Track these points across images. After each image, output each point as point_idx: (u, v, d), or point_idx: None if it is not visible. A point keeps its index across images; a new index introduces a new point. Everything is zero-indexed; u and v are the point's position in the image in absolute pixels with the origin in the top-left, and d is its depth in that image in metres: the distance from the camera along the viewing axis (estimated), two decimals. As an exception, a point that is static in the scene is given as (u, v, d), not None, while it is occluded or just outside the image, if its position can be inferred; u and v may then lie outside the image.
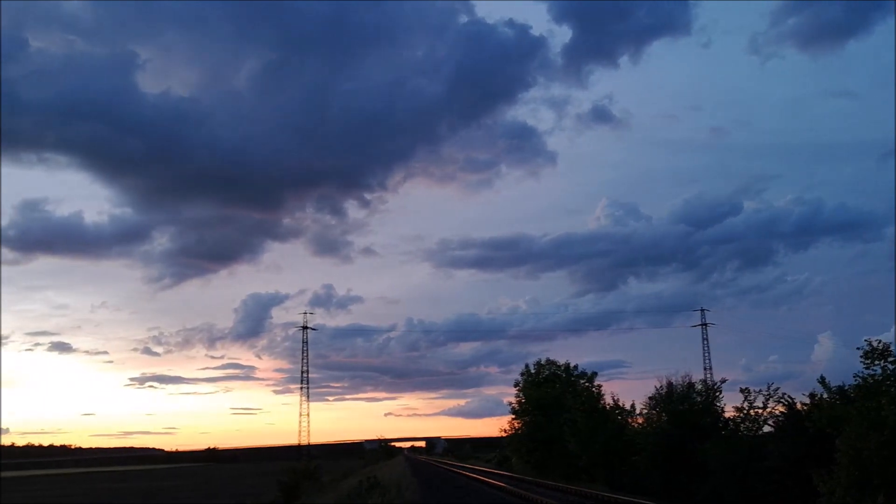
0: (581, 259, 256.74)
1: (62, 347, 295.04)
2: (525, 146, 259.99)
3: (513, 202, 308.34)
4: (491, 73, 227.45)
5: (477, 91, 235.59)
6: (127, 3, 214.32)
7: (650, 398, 40.41)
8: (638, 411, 43.75)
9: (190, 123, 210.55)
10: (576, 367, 60.41)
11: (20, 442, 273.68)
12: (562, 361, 61.63)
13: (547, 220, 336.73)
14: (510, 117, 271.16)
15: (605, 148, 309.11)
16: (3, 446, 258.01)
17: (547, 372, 61.41)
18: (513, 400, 61.55)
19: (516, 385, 62.56)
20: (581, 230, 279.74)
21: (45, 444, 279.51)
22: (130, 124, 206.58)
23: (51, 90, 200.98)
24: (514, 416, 61.03)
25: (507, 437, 63.72)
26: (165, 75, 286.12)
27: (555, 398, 55.07)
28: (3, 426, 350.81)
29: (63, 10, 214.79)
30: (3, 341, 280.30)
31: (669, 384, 39.35)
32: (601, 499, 28.94)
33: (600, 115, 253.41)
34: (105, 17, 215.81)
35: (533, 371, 62.36)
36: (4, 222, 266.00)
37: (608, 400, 49.20)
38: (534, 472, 53.69)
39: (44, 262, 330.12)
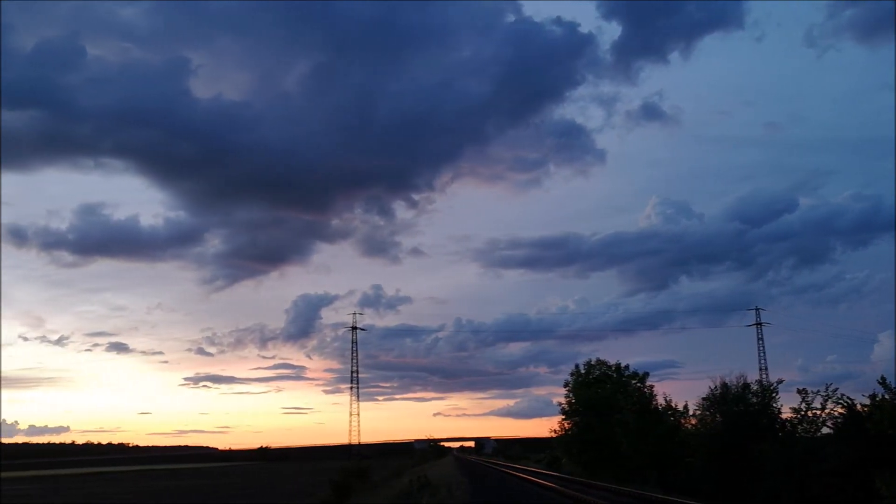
0: (631, 258, 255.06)
1: (120, 348, 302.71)
2: (574, 144, 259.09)
3: (562, 201, 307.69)
4: (538, 72, 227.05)
5: (524, 90, 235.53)
6: (180, 9, 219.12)
7: (704, 399, 39.75)
8: (691, 412, 43.08)
9: (241, 127, 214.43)
10: (626, 367, 59.68)
11: (80, 440, 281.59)
12: (612, 361, 60.92)
13: (596, 219, 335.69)
14: (558, 116, 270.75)
15: (655, 145, 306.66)
16: (64, 444, 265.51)
17: (597, 372, 60.75)
18: (562, 400, 61.01)
19: (566, 385, 62.02)
20: (631, 229, 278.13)
21: (104, 442, 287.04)
22: (184, 129, 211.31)
23: (108, 97, 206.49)
24: (563, 417, 60.48)
25: (556, 437, 63.16)
26: (217, 80, 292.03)
27: (605, 399, 54.47)
28: (64, 424, 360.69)
29: (119, 19, 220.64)
30: (62, 341, 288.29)
31: (724, 385, 38.62)
32: (655, 500, 28.53)
33: (650, 111, 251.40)
34: (159, 23, 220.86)
35: (583, 371, 61.75)
36: (64, 226, 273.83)
37: (660, 400, 48.50)
38: (584, 472, 53.22)
39: (102, 265, 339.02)
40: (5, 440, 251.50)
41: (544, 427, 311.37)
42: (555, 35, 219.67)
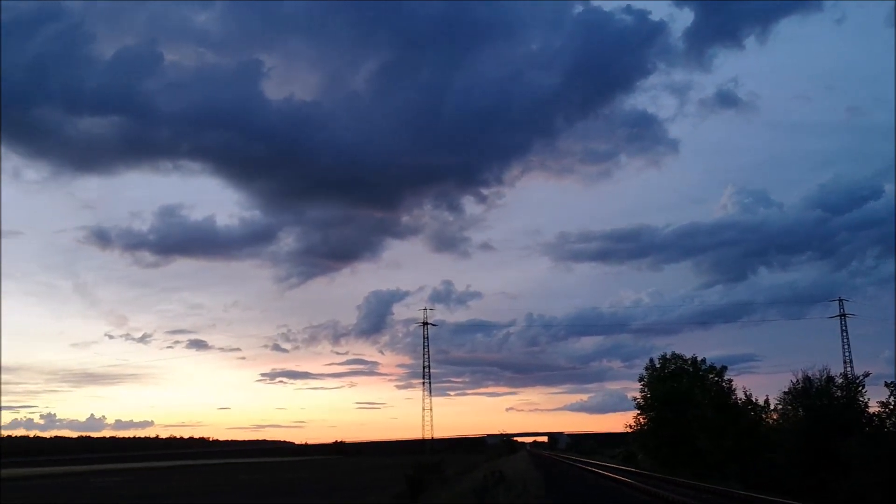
0: (707, 249, 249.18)
1: (199, 345, 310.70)
2: (645, 135, 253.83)
3: (633, 193, 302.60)
4: (608, 62, 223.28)
5: (594, 81, 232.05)
6: (252, 12, 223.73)
7: (786, 393, 38.73)
8: (773, 407, 41.93)
9: (312, 127, 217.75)
10: (703, 360, 58.44)
11: (164, 434, 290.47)
12: (688, 355, 59.78)
13: (670, 210, 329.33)
14: (629, 106, 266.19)
15: (730, 133, 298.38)
16: (149, 438, 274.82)
17: (673, 366, 59.71)
18: (637, 395, 60.25)
19: (641, 380, 61.19)
20: (706, 219, 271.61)
21: (186, 436, 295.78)
22: (257, 130, 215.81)
23: (184, 101, 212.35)
24: (639, 412, 59.71)
25: (632, 432, 62.43)
26: (288, 81, 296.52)
27: (682, 393, 53.62)
28: (148, 419, 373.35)
29: (194, 24, 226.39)
30: (145, 339, 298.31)
31: (807, 378, 37.51)
32: (740, 498, 27.82)
33: (725, 99, 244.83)
34: (232, 28, 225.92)
35: (658, 365, 60.78)
36: (145, 227, 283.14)
37: (739, 395, 47.37)
38: (661, 468, 52.38)
39: (181, 265, 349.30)
40: (94, 434, 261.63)
41: (619, 422, 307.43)
42: (625, 24, 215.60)
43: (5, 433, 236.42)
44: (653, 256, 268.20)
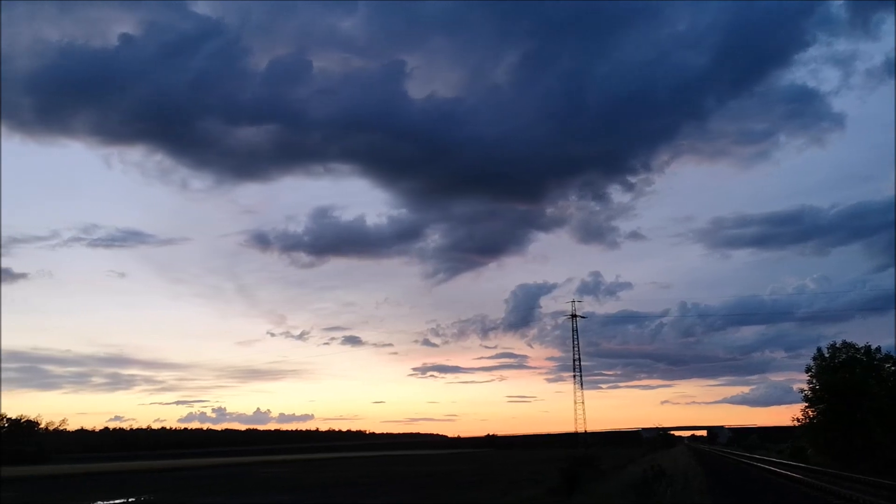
0: (879, 230, 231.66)
1: (353, 341, 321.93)
2: (806, 111, 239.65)
3: (794, 173, 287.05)
4: (762, 37, 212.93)
5: (746, 57, 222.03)
6: (395, 14, 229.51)
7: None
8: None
9: (455, 123, 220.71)
10: (878, 349, 54.48)
11: (323, 427, 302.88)
12: (861, 344, 55.86)
13: (835, 190, 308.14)
14: (787, 81, 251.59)
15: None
16: (310, 431, 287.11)
17: (843, 356, 55.94)
18: (804, 387, 56.94)
19: (808, 370, 57.71)
20: (877, 198, 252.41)
21: (344, 429, 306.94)
22: (402, 130, 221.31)
23: (333, 106, 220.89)
24: (807, 404, 56.42)
25: (799, 426, 59.05)
26: (430, 79, 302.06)
27: (855, 384, 50.26)
28: (309, 412, 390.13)
29: (340, 31, 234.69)
30: (303, 336, 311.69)
31: None
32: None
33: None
34: (376, 30, 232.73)
35: (827, 355, 57.13)
36: (300, 229, 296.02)
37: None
38: (834, 464, 49.07)
39: (334, 264, 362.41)
40: (260, 427, 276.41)
41: (784, 415, 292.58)
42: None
43: (182, 426, 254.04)
44: (817, 239, 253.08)
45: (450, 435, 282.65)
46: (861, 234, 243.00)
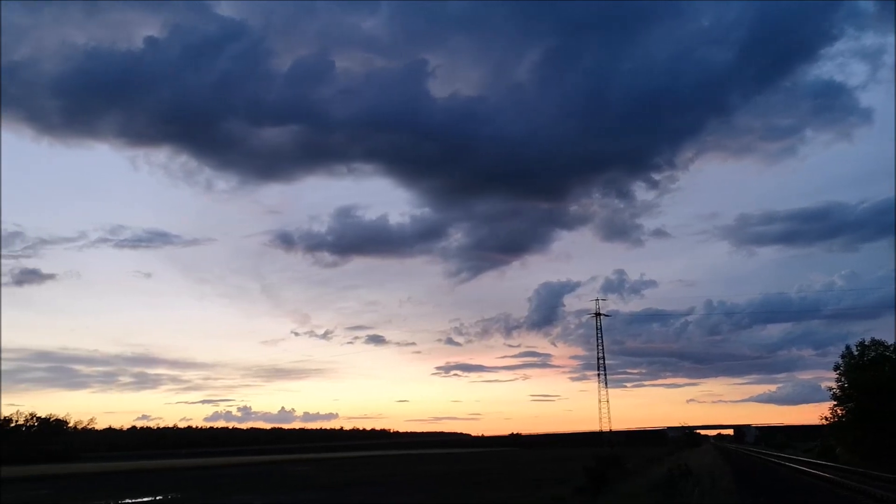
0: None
1: (377, 340, 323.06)
2: (833, 106, 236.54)
3: (821, 168, 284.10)
4: (788, 31, 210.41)
5: (772, 52, 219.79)
6: (417, 14, 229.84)
7: None
8: None
9: (477, 121, 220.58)
10: (908, 346, 53.65)
11: (347, 426, 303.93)
12: (890, 341, 55.18)
13: (864, 185, 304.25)
14: (813, 76, 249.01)
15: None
16: (334, 430, 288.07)
17: (873, 353, 55.22)
18: (833, 385, 56.32)
19: (836, 369, 57.02)
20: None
21: (368, 428, 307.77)
22: (425, 129, 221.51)
23: (355, 106, 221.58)
24: (835, 403, 55.80)
25: (828, 425, 58.37)
26: (453, 78, 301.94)
27: (884, 382, 49.62)
28: (333, 411, 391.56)
29: (362, 31, 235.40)
30: (327, 335, 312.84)
31: None
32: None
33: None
34: (398, 30, 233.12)
35: (856, 353, 56.42)
36: (324, 229, 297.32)
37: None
38: (863, 463, 48.40)
39: (357, 263, 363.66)
40: (285, 426, 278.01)
41: (812, 414, 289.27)
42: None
43: (208, 425, 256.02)
44: (846, 236, 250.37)
45: (473, 434, 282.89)
46: (890, 230, 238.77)
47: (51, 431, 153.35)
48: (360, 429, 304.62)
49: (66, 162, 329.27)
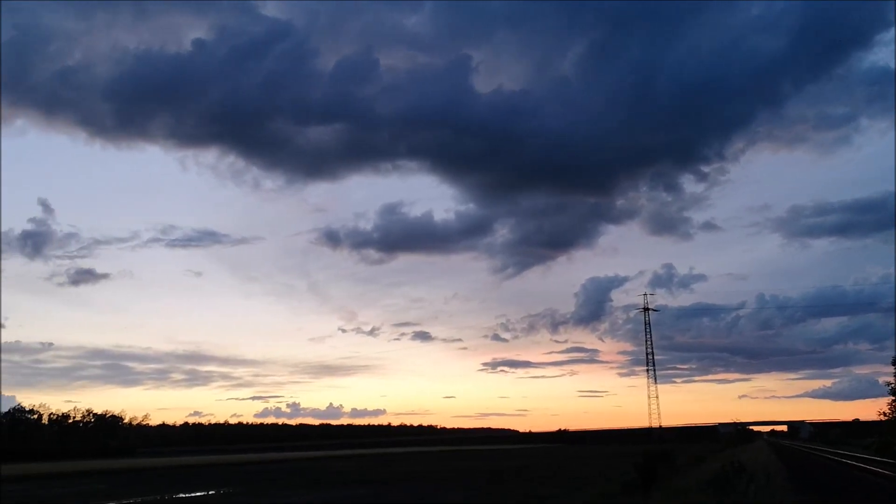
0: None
1: (423, 336, 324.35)
2: (888, 93, 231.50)
3: (878, 158, 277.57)
4: (841, 17, 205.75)
5: (824, 39, 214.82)
6: (460, 10, 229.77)
7: None
8: None
9: (522, 116, 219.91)
10: (972, 339, 51.83)
11: (395, 423, 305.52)
12: (951, 334, 53.28)
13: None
14: (868, 63, 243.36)
15: None
16: (381, 426, 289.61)
17: (933, 346, 53.48)
18: (891, 380, 54.82)
19: (894, 363, 55.38)
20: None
21: (415, 424, 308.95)
22: (469, 125, 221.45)
23: (400, 103, 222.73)
24: (893, 398, 54.19)
25: (886, 420, 56.80)
26: (496, 73, 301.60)
27: (947, 376, 47.80)
28: (381, 407, 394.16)
29: (406, 28, 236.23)
30: (374, 332, 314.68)
31: None
32: None
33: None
34: (441, 26, 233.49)
35: (915, 346, 54.73)
36: (370, 227, 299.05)
37: None
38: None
39: (402, 260, 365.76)
40: (333, 422, 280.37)
41: (870, 409, 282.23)
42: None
43: (258, 421, 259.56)
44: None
45: (521, 430, 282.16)
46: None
47: (107, 427, 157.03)
48: (408, 425, 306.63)
49: (119, 164, 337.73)
